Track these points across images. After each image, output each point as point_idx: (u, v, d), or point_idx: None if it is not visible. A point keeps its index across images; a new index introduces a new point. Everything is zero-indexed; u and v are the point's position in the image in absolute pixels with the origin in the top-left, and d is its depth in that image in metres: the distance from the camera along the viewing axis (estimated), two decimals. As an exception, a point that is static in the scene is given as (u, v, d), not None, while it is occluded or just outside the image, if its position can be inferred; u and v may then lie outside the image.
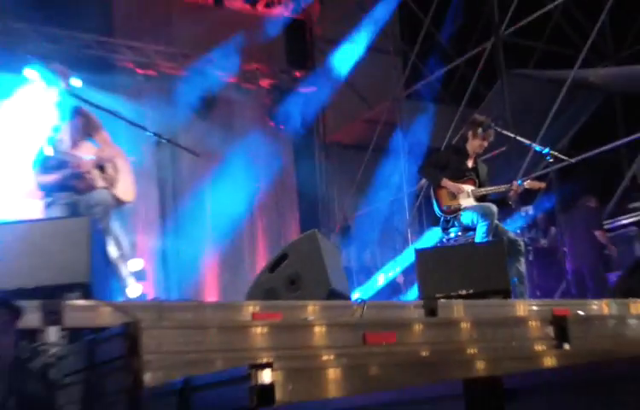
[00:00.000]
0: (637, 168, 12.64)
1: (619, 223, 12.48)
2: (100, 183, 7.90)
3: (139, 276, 13.84)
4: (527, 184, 9.62)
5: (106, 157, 8.09)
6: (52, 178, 7.88)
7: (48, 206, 7.95)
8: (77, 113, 8.26)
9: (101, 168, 8.00)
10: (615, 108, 16.02)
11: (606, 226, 12.31)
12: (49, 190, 7.96)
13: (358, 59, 16.02)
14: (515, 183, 9.53)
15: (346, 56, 16.08)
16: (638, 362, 1.84)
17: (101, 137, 8.21)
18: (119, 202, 8.22)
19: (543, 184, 10.01)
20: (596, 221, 12.12)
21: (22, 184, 9.25)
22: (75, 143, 8.04)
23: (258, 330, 4.62)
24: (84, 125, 8.18)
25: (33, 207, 8.92)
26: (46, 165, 7.92)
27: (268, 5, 16.97)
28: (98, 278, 5.48)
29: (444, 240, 9.35)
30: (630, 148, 13.68)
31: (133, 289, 13.08)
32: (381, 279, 14.34)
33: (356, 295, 13.20)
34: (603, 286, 11.85)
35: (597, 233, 11.92)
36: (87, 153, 7.97)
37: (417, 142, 15.47)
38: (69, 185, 7.87)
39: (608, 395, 1.85)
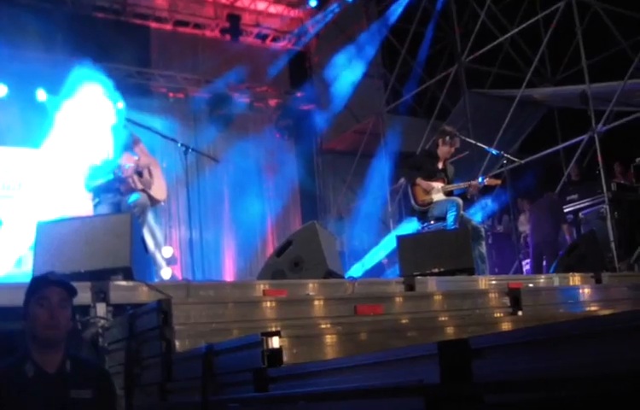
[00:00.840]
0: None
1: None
2: (138, 185, 7.88)
3: (170, 261, 13.90)
4: (487, 181, 9.61)
5: (143, 165, 8.06)
6: (100, 182, 7.86)
7: (97, 205, 7.94)
8: (120, 129, 8.24)
9: (139, 174, 7.97)
10: (554, 119, 16.03)
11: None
12: (97, 192, 7.94)
13: (348, 82, 16.02)
14: (477, 181, 9.51)
15: (338, 80, 16.06)
16: (576, 324, 1.87)
17: (139, 149, 8.18)
18: (154, 201, 8.20)
19: (499, 181, 10.00)
20: (562, 213, 12.02)
21: (77, 188, 9.24)
22: (118, 155, 8.01)
23: (268, 304, 4.58)
24: (127, 139, 8.16)
25: (86, 206, 8.91)
26: (95, 172, 7.90)
27: (275, 40, 16.95)
28: (138, 263, 5.43)
29: (419, 228, 9.31)
30: (566, 151, 13.74)
31: (166, 272, 13.05)
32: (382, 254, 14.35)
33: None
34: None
35: (564, 226, 11.84)
36: (128, 162, 7.93)
37: (397, 148, 15.47)
38: (114, 188, 7.85)
39: (553, 351, 1.86)
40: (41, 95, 12.70)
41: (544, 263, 11.70)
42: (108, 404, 3.79)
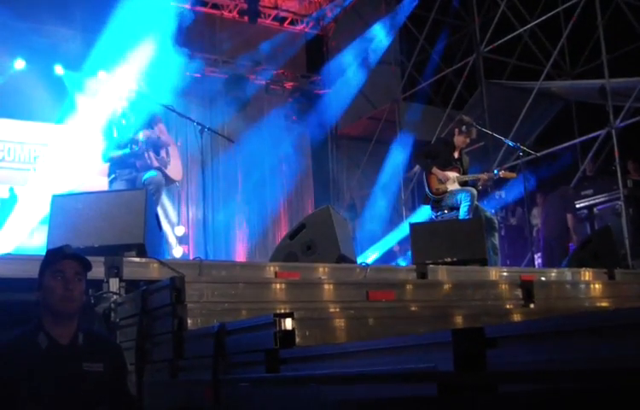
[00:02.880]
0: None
1: (574, 207, 12.37)
2: (154, 163, 7.91)
3: (183, 240, 13.95)
4: (502, 173, 9.62)
5: (161, 143, 8.10)
6: (117, 154, 7.90)
7: (112, 181, 7.98)
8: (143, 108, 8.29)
9: (156, 152, 8.00)
10: (572, 113, 15.95)
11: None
12: (113, 167, 7.97)
13: (365, 67, 15.99)
14: (492, 172, 9.51)
15: (355, 65, 16.04)
16: (587, 317, 1.87)
17: (158, 128, 8.22)
18: (169, 181, 8.23)
19: (514, 174, 9.98)
20: (572, 205, 11.99)
21: (93, 164, 9.29)
22: (137, 131, 8.05)
23: (279, 286, 4.59)
24: (147, 117, 8.20)
25: (101, 182, 8.97)
26: (113, 145, 7.94)
27: (293, 23, 16.93)
28: (151, 240, 5.44)
29: (433, 217, 9.31)
30: (583, 145, 13.68)
31: (177, 251, 13.09)
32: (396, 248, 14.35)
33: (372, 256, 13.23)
34: (566, 256, 11.84)
35: (568, 216, 11.81)
36: (144, 136, 7.97)
37: (412, 136, 15.45)
38: (130, 163, 7.88)
39: (564, 343, 1.86)
40: (59, 69, 12.76)
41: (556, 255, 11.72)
42: (119, 378, 3.82)
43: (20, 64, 12.68)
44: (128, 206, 5.50)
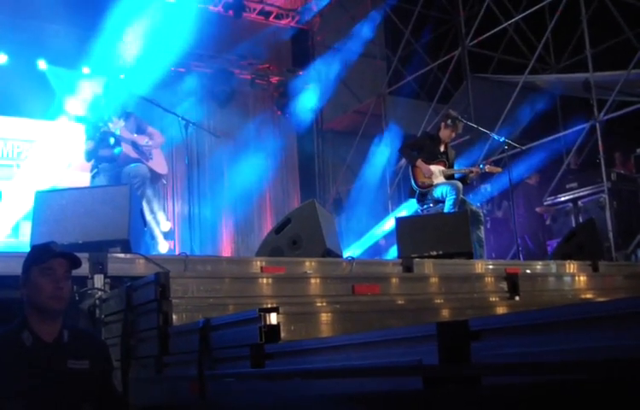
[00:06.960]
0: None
1: (559, 200, 12.43)
2: (133, 155, 7.89)
3: (168, 235, 13.89)
4: (487, 168, 9.65)
5: (155, 145, 8.12)
6: (95, 149, 7.87)
7: (94, 176, 7.94)
8: (128, 113, 8.26)
9: (135, 147, 7.97)
10: (556, 107, 16.00)
11: (548, 202, 12.26)
12: (95, 162, 7.94)
13: (351, 61, 15.99)
14: (477, 166, 9.54)
15: (340, 59, 16.02)
16: (569, 309, 1.88)
17: (149, 132, 8.22)
18: (155, 175, 8.21)
19: (499, 169, 10.02)
20: (535, 197, 12.10)
21: (77, 160, 9.25)
22: (112, 122, 8.01)
23: (265, 280, 4.59)
24: (136, 122, 8.19)
25: (84, 178, 8.93)
26: (93, 138, 7.91)
27: (278, 17, 16.87)
28: (136, 235, 5.44)
29: (419, 210, 9.33)
30: (567, 138, 13.72)
31: (163, 246, 13.08)
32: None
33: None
34: (542, 250, 11.90)
35: (538, 210, 11.93)
36: (128, 135, 7.95)
37: (397, 130, 15.46)
38: (110, 157, 7.85)
39: (551, 335, 1.87)
40: (42, 64, 12.68)
41: (531, 246, 11.85)
42: (105, 375, 3.80)
43: (2, 58, 12.58)
44: (112, 202, 5.49)
